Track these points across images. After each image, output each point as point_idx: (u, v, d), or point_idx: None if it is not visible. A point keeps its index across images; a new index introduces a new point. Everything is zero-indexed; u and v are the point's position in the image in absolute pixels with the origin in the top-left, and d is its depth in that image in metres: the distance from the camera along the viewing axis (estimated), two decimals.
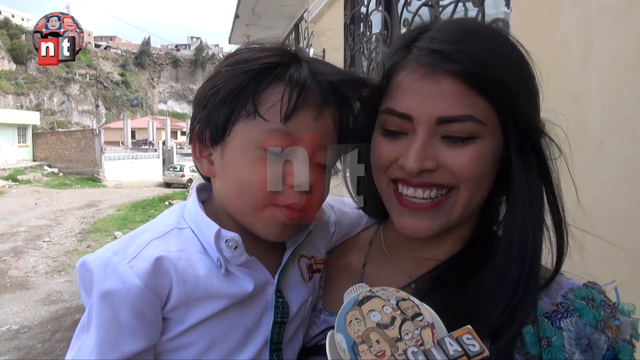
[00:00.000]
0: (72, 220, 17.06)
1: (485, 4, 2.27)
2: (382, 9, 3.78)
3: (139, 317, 0.77)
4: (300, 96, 0.80)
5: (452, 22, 0.85)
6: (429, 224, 0.82)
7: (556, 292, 0.81)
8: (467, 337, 0.64)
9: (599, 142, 1.50)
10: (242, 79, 0.82)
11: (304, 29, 7.58)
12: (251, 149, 0.82)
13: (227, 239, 0.82)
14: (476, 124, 0.76)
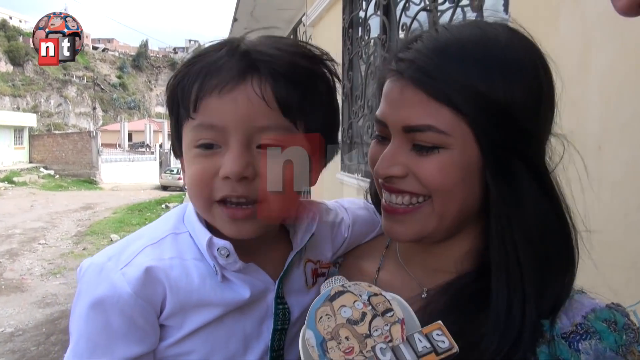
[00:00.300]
0: (68, 222, 17.00)
1: (484, 9, 2.28)
2: (381, 13, 3.79)
3: (131, 323, 0.76)
4: (206, 81, 0.77)
5: (441, 29, 0.81)
6: (404, 230, 0.82)
7: (577, 312, 0.77)
8: (437, 333, 0.64)
9: (598, 146, 1.50)
10: (173, 84, 0.83)
11: (302, 32, 7.60)
12: (189, 150, 0.82)
13: (218, 247, 0.81)
14: (438, 134, 0.74)
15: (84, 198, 23.98)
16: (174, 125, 0.86)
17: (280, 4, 7.28)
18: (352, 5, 4.62)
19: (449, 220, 0.80)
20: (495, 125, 0.74)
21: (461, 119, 0.74)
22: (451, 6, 2.62)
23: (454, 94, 0.73)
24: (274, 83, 0.77)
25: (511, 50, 0.76)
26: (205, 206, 0.82)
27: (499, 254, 0.77)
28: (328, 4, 5.14)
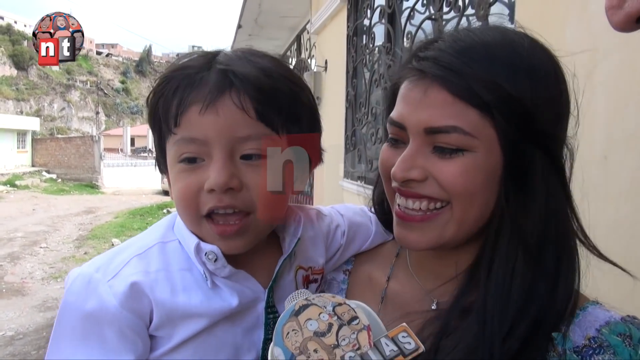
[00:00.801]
0: (69, 226, 16.99)
1: (489, 19, 2.30)
2: (386, 21, 3.82)
3: (122, 335, 0.77)
4: (186, 96, 0.78)
5: (463, 31, 0.79)
6: (418, 237, 0.79)
7: (590, 325, 0.74)
8: (402, 336, 0.65)
9: (603, 156, 1.50)
10: (152, 99, 0.83)
11: (305, 40, 7.64)
12: (174, 165, 0.82)
13: (206, 252, 0.81)
14: (463, 136, 0.72)
15: (85, 202, 23.99)
16: (157, 141, 0.86)
17: (285, 12, 7.32)
18: (357, 13, 4.64)
19: (467, 227, 0.78)
20: (519, 128, 0.73)
21: (487, 120, 0.72)
22: (456, 15, 2.64)
23: (482, 94, 0.71)
24: (252, 92, 0.78)
25: (535, 55, 0.76)
26: (194, 222, 0.82)
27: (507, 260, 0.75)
28: (332, 12, 5.17)
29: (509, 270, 0.74)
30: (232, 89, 0.77)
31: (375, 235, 1.04)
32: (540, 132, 0.74)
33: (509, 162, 0.74)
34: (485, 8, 2.29)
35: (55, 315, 0.82)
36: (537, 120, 0.73)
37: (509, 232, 0.75)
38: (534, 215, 0.74)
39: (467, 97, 0.71)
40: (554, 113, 0.76)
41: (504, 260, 0.75)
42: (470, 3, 2.49)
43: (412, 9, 3.29)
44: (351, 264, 1.02)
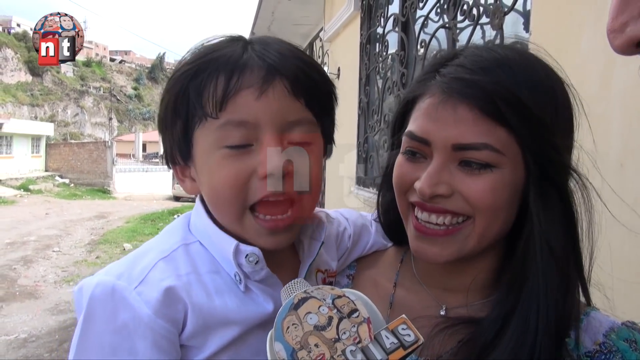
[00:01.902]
0: (81, 230, 17.14)
1: (504, 27, 2.31)
2: (399, 29, 3.84)
3: (154, 347, 0.72)
4: (236, 79, 0.74)
5: (483, 49, 0.82)
6: (440, 251, 0.80)
7: (597, 331, 0.78)
8: (402, 328, 0.65)
9: (620, 164, 1.51)
10: (181, 85, 0.78)
11: (318, 47, 7.68)
12: (213, 152, 0.76)
13: (247, 254, 0.77)
14: (493, 153, 0.74)
15: (97, 207, 24.19)
16: (182, 128, 0.79)
17: (297, 19, 7.38)
18: (370, 21, 4.68)
19: (487, 241, 0.80)
20: (541, 146, 0.75)
21: (513, 138, 0.75)
22: (471, 24, 2.65)
23: (509, 113, 0.73)
24: (299, 78, 0.77)
25: (549, 75, 0.79)
26: (237, 214, 0.78)
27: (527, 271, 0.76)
28: (346, 20, 5.21)
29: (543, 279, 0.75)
30: (282, 72, 0.76)
31: (375, 240, 1.04)
32: (558, 147, 0.77)
33: (532, 178, 0.76)
34: (500, 17, 2.30)
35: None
36: (555, 136, 0.76)
37: (539, 242, 0.76)
38: (560, 225, 0.77)
39: (496, 116, 0.74)
40: (567, 130, 0.80)
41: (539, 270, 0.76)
42: (485, 12, 2.50)
43: (426, 18, 3.30)
44: (354, 268, 1.02)
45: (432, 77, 0.81)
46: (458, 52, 0.82)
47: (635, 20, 0.46)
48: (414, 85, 0.86)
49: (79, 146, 36.60)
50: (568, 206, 0.78)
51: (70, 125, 60.65)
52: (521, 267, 0.78)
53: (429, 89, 0.81)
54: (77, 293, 0.76)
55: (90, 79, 70.45)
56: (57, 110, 59.70)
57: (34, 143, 36.06)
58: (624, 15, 0.47)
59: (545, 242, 0.76)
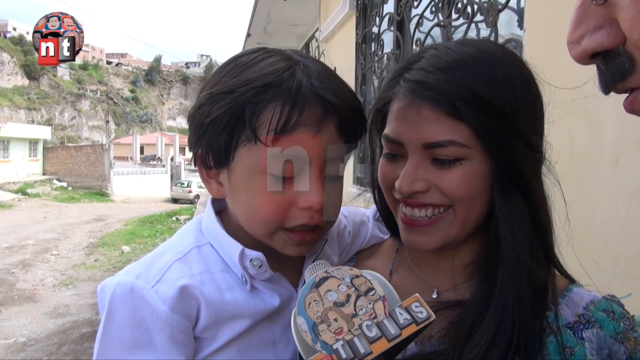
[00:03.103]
0: (80, 234, 17.14)
1: (498, 25, 2.32)
2: (394, 29, 3.85)
3: (173, 341, 0.78)
4: (297, 115, 0.76)
5: (442, 49, 0.85)
6: (427, 240, 0.85)
7: (578, 304, 0.84)
8: (415, 305, 0.70)
9: (614, 160, 1.51)
10: (237, 102, 0.78)
11: (314, 47, 7.69)
12: (256, 175, 0.80)
13: (251, 258, 0.83)
14: (459, 147, 0.79)
15: (95, 210, 24.18)
16: (226, 140, 0.80)
17: (293, 20, 7.39)
18: (366, 21, 4.68)
19: (470, 226, 0.85)
20: (503, 132, 0.80)
21: (474, 132, 0.79)
22: (465, 22, 2.66)
23: (465, 111, 0.78)
24: (348, 120, 0.83)
25: (508, 64, 0.83)
26: (270, 232, 0.83)
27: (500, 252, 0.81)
28: (341, 20, 5.22)
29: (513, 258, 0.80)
30: (336, 115, 0.80)
31: (372, 234, 1.10)
32: (522, 131, 0.81)
33: (496, 166, 0.81)
34: (494, 15, 2.31)
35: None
36: (517, 122, 0.80)
37: (502, 228, 0.82)
38: (521, 209, 0.82)
39: (456, 114, 0.79)
40: (531, 113, 0.83)
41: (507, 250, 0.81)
42: (479, 10, 2.50)
43: (421, 16, 3.31)
44: (353, 260, 1.08)
45: (398, 82, 0.86)
46: (420, 54, 0.86)
47: (589, 34, 0.50)
48: (384, 91, 0.90)
49: (77, 149, 36.60)
50: (532, 190, 0.82)
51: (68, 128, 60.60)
52: (495, 248, 0.83)
53: (395, 93, 0.86)
54: (99, 292, 0.82)
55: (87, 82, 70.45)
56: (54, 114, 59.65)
57: (31, 147, 36.00)
58: (580, 29, 0.51)
59: (507, 226, 0.81)
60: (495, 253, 0.83)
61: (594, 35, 0.50)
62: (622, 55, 0.49)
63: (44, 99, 59.56)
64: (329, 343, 0.66)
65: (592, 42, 0.50)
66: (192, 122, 0.85)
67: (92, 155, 34.15)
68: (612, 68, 0.50)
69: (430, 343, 0.85)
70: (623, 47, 0.49)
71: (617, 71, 0.50)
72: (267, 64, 0.81)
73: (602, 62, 0.51)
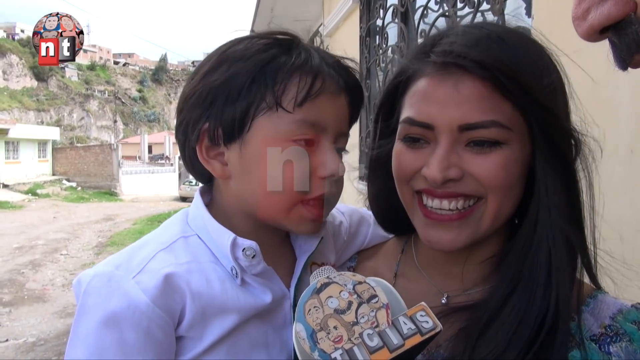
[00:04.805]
0: (89, 233, 17.25)
1: (505, 13, 2.24)
2: (399, 21, 3.78)
3: (148, 337, 0.71)
4: (320, 83, 0.79)
5: (472, 25, 0.80)
6: (455, 237, 0.77)
7: (604, 313, 0.75)
8: (420, 315, 0.66)
9: (630, 150, 1.44)
10: (254, 67, 0.76)
11: (318, 43, 7.64)
12: (277, 143, 0.77)
13: (244, 248, 0.77)
14: (502, 130, 0.71)
15: (104, 209, 24.34)
16: (242, 110, 0.77)
17: (297, 15, 7.34)
18: (369, 14, 4.62)
19: (501, 219, 0.77)
20: (545, 116, 0.73)
21: (519, 112, 0.72)
22: (471, 11, 2.58)
23: (512, 87, 0.70)
24: (354, 95, 0.87)
25: (538, 46, 0.77)
26: (289, 206, 0.80)
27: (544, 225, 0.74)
28: (345, 13, 5.16)
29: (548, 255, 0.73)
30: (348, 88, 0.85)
31: (373, 233, 1.04)
32: (559, 115, 0.75)
33: (542, 149, 0.74)
34: (500, 2, 2.24)
35: None
36: (555, 104, 0.74)
37: (546, 215, 0.74)
38: (567, 197, 0.75)
39: (501, 91, 0.71)
40: (563, 96, 0.78)
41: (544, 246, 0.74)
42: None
43: (426, 7, 3.24)
44: (354, 261, 1.02)
45: (424, 57, 0.77)
46: (446, 32, 0.78)
47: (596, 6, 0.47)
48: (401, 69, 0.82)
49: (85, 149, 36.88)
50: (574, 176, 0.76)
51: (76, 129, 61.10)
52: (524, 245, 0.75)
53: (422, 70, 0.77)
54: (75, 286, 0.76)
55: (95, 83, 70.91)
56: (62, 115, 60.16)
57: (40, 148, 36.30)
58: (585, 2, 0.48)
59: (554, 214, 0.74)
60: (520, 249, 0.75)
61: (600, 7, 0.46)
62: (634, 24, 0.45)
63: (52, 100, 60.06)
64: (328, 352, 0.63)
65: (599, 15, 0.46)
66: (192, 95, 0.80)
67: (101, 155, 34.39)
68: (626, 39, 0.46)
69: (437, 352, 0.78)
70: (634, 14, 0.45)
71: (632, 41, 0.46)
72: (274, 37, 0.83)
73: (614, 35, 0.47)
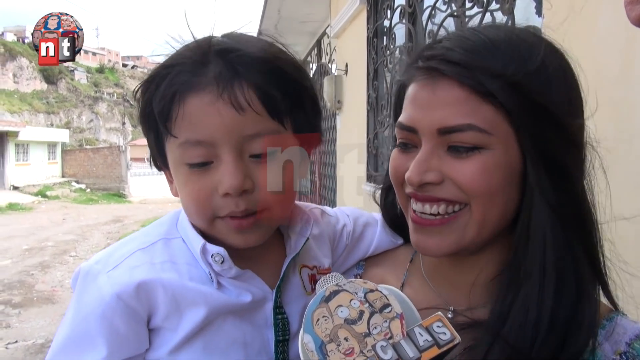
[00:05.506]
0: (98, 235, 17.32)
1: (515, 12, 2.21)
2: (406, 21, 3.75)
3: (111, 329, 0.74)
4: (187, 96, 0.73)
5: (468, 31, 0.78)
6: (439, 242, 0.76)
7: (620, 339, 0.71)
8: (437, 325, 0.62)
9: None
10: (146, 100, 0.79)
11: (326, 44, 7.62)
12: (178, 167, 0.79)
13: (212, 254, 0.78)
14: (479, 133, 0.69)
15: (113, 211, 24.45)
16: (154, 140, 0.82)
17: (304, 17, 7.32)
18: (377, 14, 4.59)
19: (489, 228, 0.74)
20: (535, 122, 0.70)
21: (502, 116, 0.69)
22: (480, 11, 2.55)
23: (495, 88, 0.68)
24: (256, 85, 0.74)
25: (539, 50, 0.74)
26: (207, 222, 0.80)
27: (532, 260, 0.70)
28: (352, 14, 5.13)
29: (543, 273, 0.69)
30: (234, 83, 0.73)
31: (381, 239, 1.01)
32: (557, 119, 0.71)
33: (530, 157, 0.71)
34: (510, 1, 2.20)
35: None
36: (550, 110, 0.70)
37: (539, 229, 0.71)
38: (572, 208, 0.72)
39: (480, 93, 0.69)
40: (567, 101, 0.74)
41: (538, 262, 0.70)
42: None
43: (434, 7, 3.22)
44: (361, 268, 0.99)
45: (414, 63, 0.78)
46: (442, 38, 0.78)
47: None
48: (401, 75, 0.83)
49: (94, 151, 37.05)
50: (572, 178, 0.72)
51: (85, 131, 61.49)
52: (521, 259, 0.72)
53: (413, 75, 0.77)
54: (71, 282, 0.83)
55: (104, 85, 71.33)
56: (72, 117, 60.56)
57: (50, 150, 36.54)
58: None
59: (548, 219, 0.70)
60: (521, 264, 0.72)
61: None
62: None
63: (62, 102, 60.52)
64: None
65: None
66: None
67: (110, 157, 34.55)
68: None
69: None
70: None
71: None
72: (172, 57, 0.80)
73: None
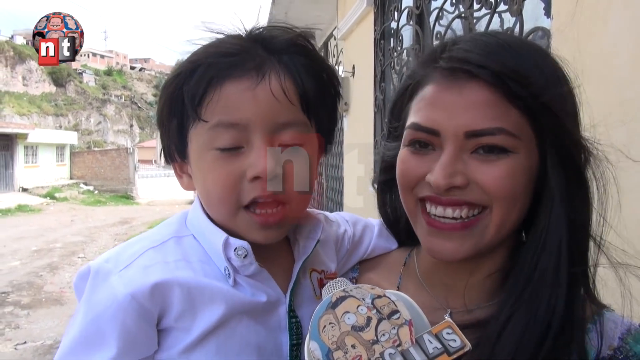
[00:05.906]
0: (106, 236, 17.42)
1: (524, 14, 2.20)
2: (413, 23, 3.74)
3: (122, 329, 0.73)
4: (226, 80, 0.74)
5: (482, 33, 0.79)
6: (458, 247, 0.75)
7: (612, 334, 0.72)
8: (447, 332, 0.61)
9: None
10: (175, 85, 0.79)
11: (333, 46, 7.63)
12: (204, 153, 0.78)
13: (236, 247, 0.78)
14: (509, 137, 0.70)
15: (121, 213, 24.58)
16: (177, 126, 0.81)
17: (311, 20, 7.32)
18: (384, 16, 4.58)
19: (504, 233, 0.75)
20: (554, 125, 0.71)
21: (526, 121, 0.70)
22: (488, 12, 2.54)
23: (523, 92, 0.68)
24: (294, 77, 0.76)
25: (548, 56, 0.76)
26: (231, 212, 0.78)
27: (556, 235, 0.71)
28: (359, 16, 5.13)
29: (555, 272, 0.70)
30: (273, 71, 0.75)
31: (376, 243, 1.02)
32: (570, 126, 0.73)
33: (553, 160, 0.71)
34: (519, 2, 2.19)
35: None
36: (566, 114, 0.72)
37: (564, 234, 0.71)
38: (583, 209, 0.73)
39: (509, 98, 0.69)
40: (573, 108, 0.76)
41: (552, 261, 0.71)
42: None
43: (441, 9, 3.20)
44: (356, 271, 1.00)
45: (432, 63, 0.76)
46: (456, 39, 0.77)
47: None
48: (410, 75, 0.81)
49: (102, 154, 37.28)
50: (586, 185, 0.74)
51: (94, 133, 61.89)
52: (532, 260, 0.72)
53: (430, 76, 0.76)
54: (74, 280, 0.81)
55: (112, 88, 71.82)
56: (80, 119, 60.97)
57: (58, 152, 36.78)
58: None
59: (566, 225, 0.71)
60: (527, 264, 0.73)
61: None
62: None
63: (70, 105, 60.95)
64: None
65: None
66: (156, 120, 0.86)
67: (117, 159, 34.74)
68: None
69: None
70: None
71: None
72: (207, 45, 0.81)
73: None
